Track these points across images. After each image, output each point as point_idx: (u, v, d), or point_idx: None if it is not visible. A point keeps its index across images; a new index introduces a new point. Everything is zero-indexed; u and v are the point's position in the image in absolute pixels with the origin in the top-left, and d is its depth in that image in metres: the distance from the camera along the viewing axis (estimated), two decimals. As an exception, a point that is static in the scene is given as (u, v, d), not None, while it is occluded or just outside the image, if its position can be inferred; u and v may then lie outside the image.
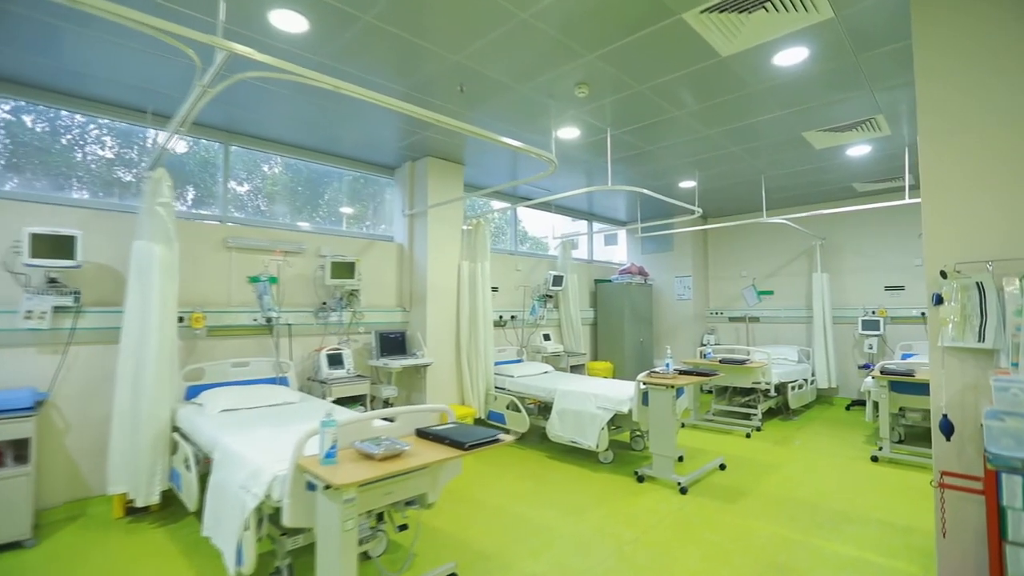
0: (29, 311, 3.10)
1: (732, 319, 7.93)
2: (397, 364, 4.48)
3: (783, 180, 5.87)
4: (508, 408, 4.91)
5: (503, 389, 5.14)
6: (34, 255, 3.00)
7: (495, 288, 5.98)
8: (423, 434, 2.29)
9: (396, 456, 1.97)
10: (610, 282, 7.34)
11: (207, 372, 3.69)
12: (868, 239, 6.73)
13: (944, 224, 2.11)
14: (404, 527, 2.72)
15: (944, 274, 2.05)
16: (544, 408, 4.82)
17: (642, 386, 3.94)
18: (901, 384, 4.34)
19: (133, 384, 3.07)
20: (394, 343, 4.80)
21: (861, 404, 6.50)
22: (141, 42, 2.87)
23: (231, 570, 2.14)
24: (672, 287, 8.06)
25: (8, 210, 3.19)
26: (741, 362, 5.44)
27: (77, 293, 3.28)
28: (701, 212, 5.57)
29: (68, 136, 3.68)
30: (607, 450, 4.19)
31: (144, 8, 2.26)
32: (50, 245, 3.05)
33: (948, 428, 1.98)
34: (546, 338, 6.23)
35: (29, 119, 3.53)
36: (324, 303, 4.52)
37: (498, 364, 5.50)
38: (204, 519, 2.47)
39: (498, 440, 2.21)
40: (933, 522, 3.07)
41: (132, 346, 3.09)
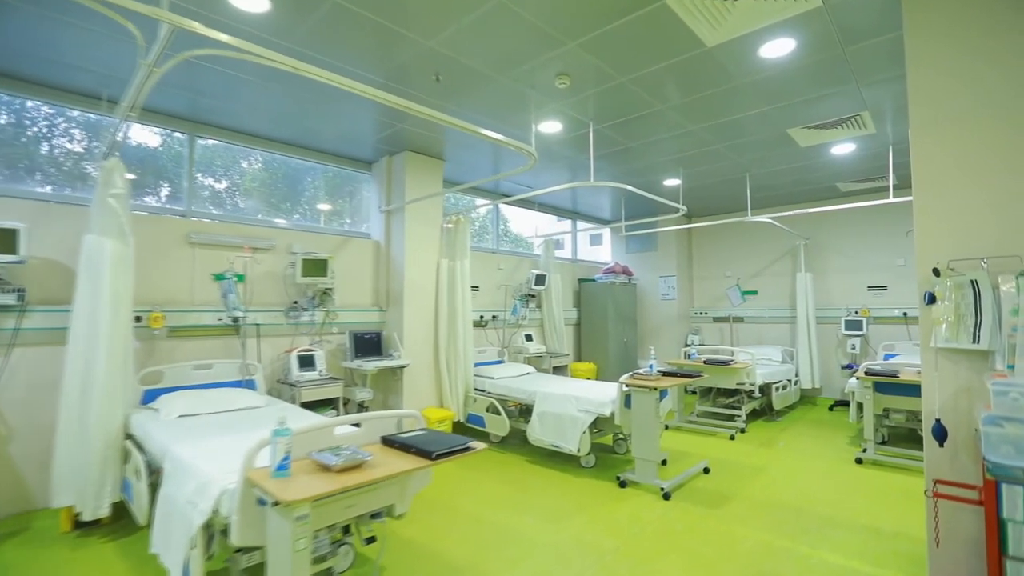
0: (-33, 310, 2.88)
1: (716, 319, 7.88)
2: (372, 366, 4.31)
3: (767, 179, 5.81)
4: (488, 411, 4.76)
5: (483, 391, 4.99)
6: (-30, 250, 2.78)
7: (475, 287, 5.82)
8: (389, 442, 2.13)
9: (356, 467, 1.82)
10: (594, 281, 7.23)
11: (166, 375, 3.49)
12: (851, 239, 6.72)
13: (936, 219, 2.01)
14: (372, 539, 2.55)
15: (937, 272, 1.95)
16: (525, 411, 4.68)
17: (624, 388, 3.82)
18: (885, 385, 4.29)
19: (82, 388, 2.86)
20: (369, 344, 4.63)
21: (844, 404, 6.47)
22: (81, 16, 2.65)
23: (177, 592, 1.97)
24: (656, 287, 7.99)
25: (-55, 201, 2.96)
26: (725, 363, 5.36)
27: (22, 291, 3.06)
28: (685, 210, 5.47)
29: (13, 122, 3.45)
30: (589, 454, 4.07)
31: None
32: (-11, 239, 2.83)
33: (941, 433, 1.89)
34: (528, 338, 6.09)
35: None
36: (295, 302, 4.33)
37: (478, 365, 5.35)
38: (152, 535, 2.29)
39: (468, 448, 2.06)
40: (920, 527, 3.01)
41: (81, 347, 2.88)
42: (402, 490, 2.25)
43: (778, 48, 2.99)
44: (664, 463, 4.21)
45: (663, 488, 3.52)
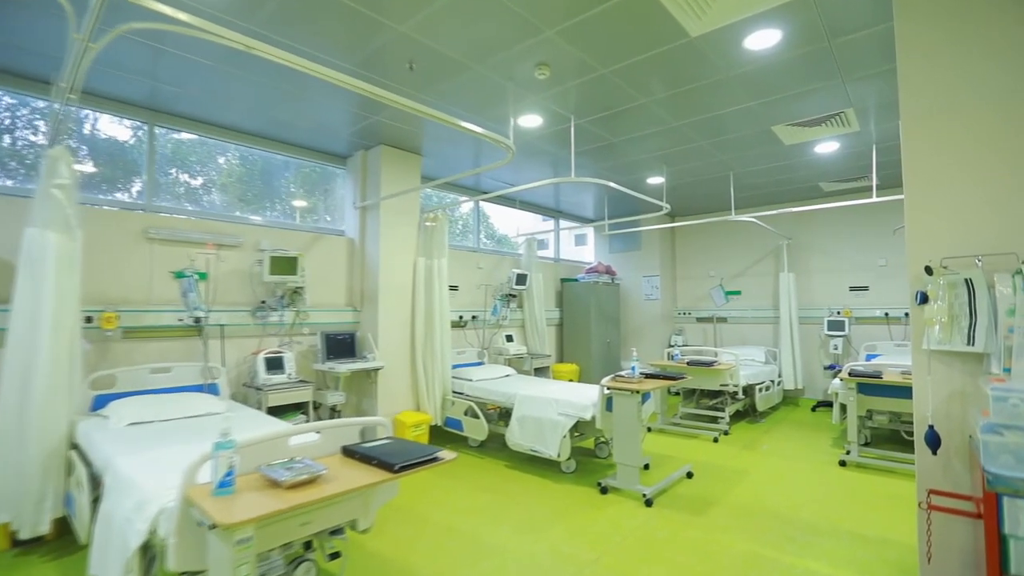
0: None
1: (700, 319, 7.82)
2: (345, 368, 4.13)
3: (751, 178, 5.75)
4: (466, 414, 4.61)
5: (461, 394, 4.84)
6: None
7: (455, 287, 5.67)
8: (350, 452, 1.97)
9: (309, 482, 1.65)
10: (576, 281, 7.11)
11: (120, 379, 3.27)
12: (834, 239, 6.71)
13: (928, 215, 1.92)
14: (336, 555, 2.38)
15: (929, 270, 1.86)
16: (505, 414, 4.54)
17: (606, 391, 3.70)
18: (868, 386, 4.23)
19: (21, 394, 2.64)
20: (342, 345, 4.44)
21: (826, 405, 6.45)
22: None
23: (112, 620, 1.78)
24: (640, 287, 7.91)
25: None
26: (709, 364, 5.28)
27: (-44, 289, 2.82)
28: (669, 208, 5.39)
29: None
30: (569, 459, 3.94)
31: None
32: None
33: (935, 441, 1.79)
34: (509, 339, 5.95)
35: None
36: (263, 302, 4.12)
37: (457, 367, 5.20)
38: (91, 555, 2.09)
39: (436, 459, 1.91)
40: (907, 534, 2.93)
41: (21, 350, 2.66)
42: (365, 504, 2.09)
43: (763, 40, 2.89)
44: (647, 467, 4.10)
45: (645, 494, 3.40)
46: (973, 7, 1.85)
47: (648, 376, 3.93)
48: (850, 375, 4.28)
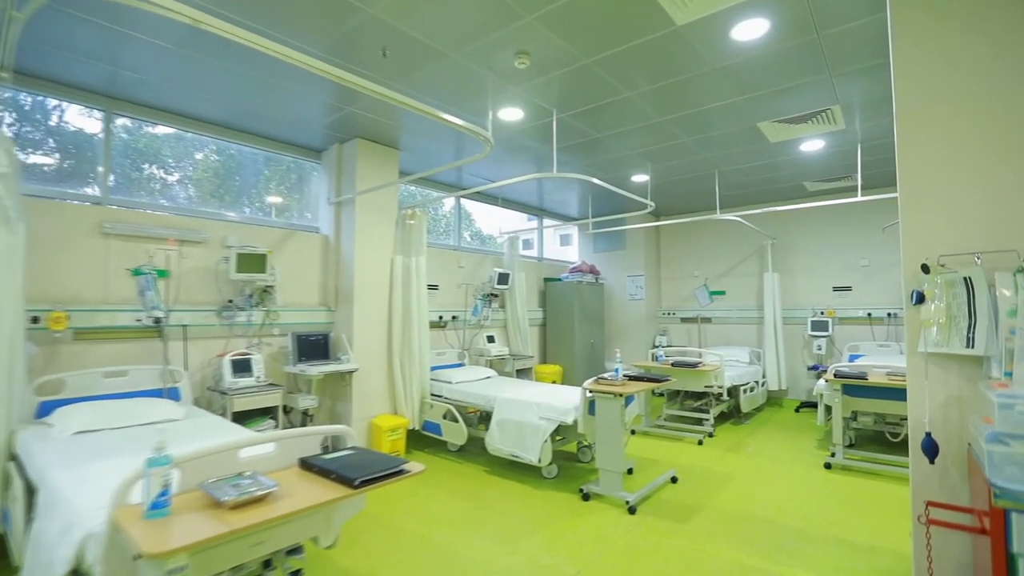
0: None
1: (684, 320, 7.76)
2: (317, 370, 3.94)
3: (736, 176, 5.69)
4: (445, 418, 4.45)
5: (440, 396, 4.68)
6: None
7: (434, 286, 5.50)
8: (307, 465, 1.81)
9: (257, 501, 1.49)
10: (560, 281, 6.99)
11: (69, 384, 3.05)
12: (818, 239, 6.69)
13: (924, 210, 1.82)
14: (297, 572, 2.22)
15: (926, 268, 1.76)
16: (485, 417, 4.39)
17: (588, 394, 3.58)
18: (853, 387, 4.17)
19: (-46, 401, 2.43)
20: (315, 346, 4.25)
21: (810, 406, 6.43)
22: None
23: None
24: (624, 286, 7.82)
25: None
26: (693, 365, 5.20)
27: None
28: (653, 206, 5.29)
29: None
30: (551, 464, 3.80)
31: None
32: None
33: (932, 449, 1.69)
34: (490, 340, 5.81)
35: None
36: (230, 301, 3.92)
37: (436, 369, 5.04)
38: (21, 580, 1.90)
39: (402, 472, 1.76)
40: (896, 540, 2.86)
41: (-46, 353, 2.44)
42: (327, 519, 1.93)
43: (751, 30, 2.78)
44: (630, 472, 3.99)
45: (628, 501, 3.29)
46: (971, -9, 1.76)
47: (632, 378, 3.81)
48: (835, 376, 4.22)
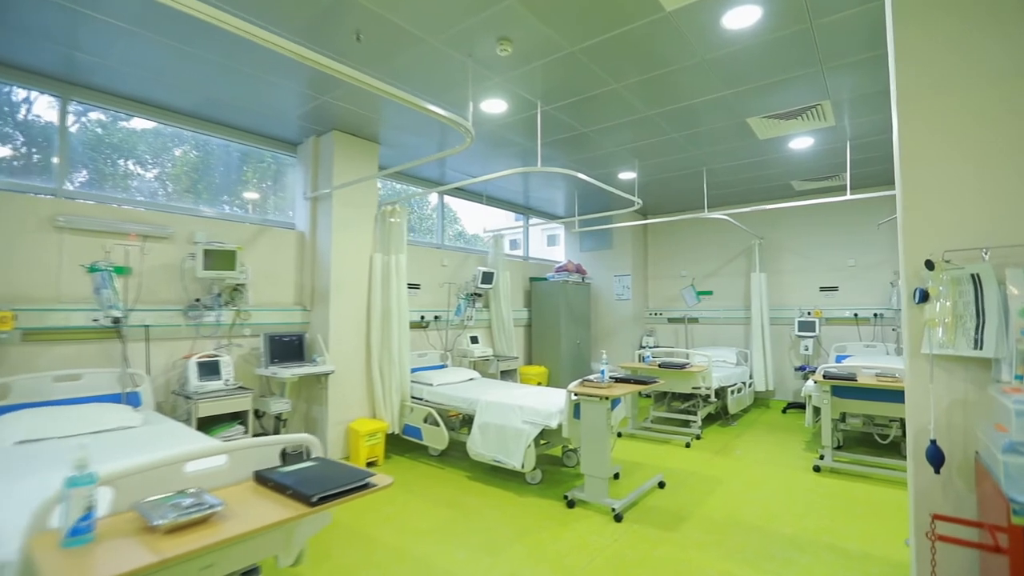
0: None
1: (671, 320, 7.68)
2: (289, 373, 3.76)
3: (724, 175, 5.60)
4: (426, 421, 4.29)
5: (420, 399, 4.51)
6: None
7: (416, 285, 5.34)
8: (263, 479, 1.64)
9: (198, 523, 1.32)
10: (546, 280, 6.86)
11: (15, 389, 2.83)
12: (805, 239, 6.65)
13: (927, 202, 1.71)
14: (259, 592, 2.05)
15: (930, 264, 1.65)
16: (467, 421, 4.24)
17: (573, 397, 3.45)
18: (842, 388, 4.10)
19: None
20: (288, 348, 4.07)
21: (797, 407, 6.37)
22: None
23: None
24: (611, 286, 7.71)
25: None
26: (681, 366, 5.10)
27: None
28: (641, 204, 5.18)
29: None
30: (535, 469, 3.67)
31: None
32: None
33: (938, 458, 1.58)
34: (474, 341, 5.65)
35: None
36: (197, 300, 3.72)
37: (417, 371, 4.88)
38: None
39: (367, 486, 1.60)
40: (888, 547, 2.76)
41: None
42: (287, 538, 1.76)
43: (743, 17, 2.67)
44: (617, 477, 3.87)
45: (614, 509, 3.16)
46: (978, -30, 1.65)
47: (618, 380, 3.69)
48: (824, 377, 4.14)
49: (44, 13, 2.61)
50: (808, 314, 6.44)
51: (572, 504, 3.35)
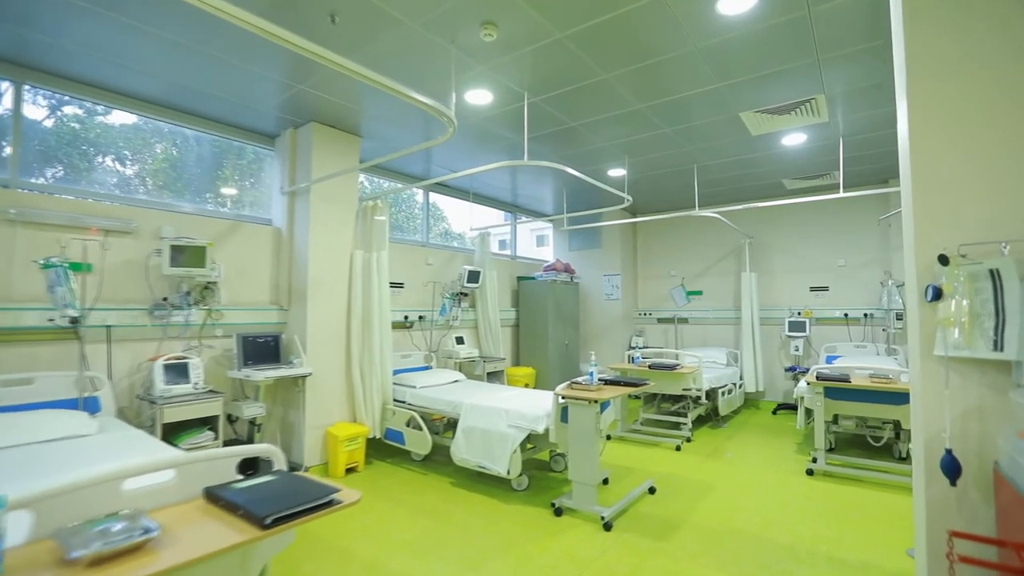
0: None
1: (661, 320, 7.58)
2: (263, 376, 3.57)
3: (715, 172, 5.50)
4: (408, 425, 4.12)
5: (403, 402, 4.35)
6: None
7: (399, 284, 5.16)
8: (213, 497, 1.47)
9: (128, 552, 1.15)
10: (534, 279, 6.72)
11: (-42, 394, 2.63)
12: (795, 238, 6.58)
13: (940, 192, 1.59)
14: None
15: (944, 259, 1.52)
16: (452, 424, 4.08)
17: (561, 400, 3.30)
18: (835, 390, 4.00)
19: None
20: (264, 349, 3.88)
21: (787, 407, 6.30)
22: None
23: None
24: (600, 286, 7.59)
25: None
26: (671, 367, 4.98)
27: None
28: (631, 201, 5.06)
29: None
30: (521, 475, 3.52)
31: None
32: None
33: (954, 469, 1.45)
34: (459, 341, 5.49)
35: None
36: (165, 299, 3.52)
37: (400, 372, 4.70)
38: None
39: (331, 503, 1.44)
40: (886, 556, 2.65)
41: None
42: (242, 562, 1.59)
43: (739, 2, 2.55)
44: (606, 482, 3.74)
45: (604, 517, 3.02)
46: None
47: (608, 382, 3.55)
48: (817, 378, 4.04)
49: (-11, -13, 2.41)
50: (798, 314, 6.37)
51: (560, 512, 3.21)
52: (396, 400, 4.40)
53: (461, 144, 4.65)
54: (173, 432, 3.20)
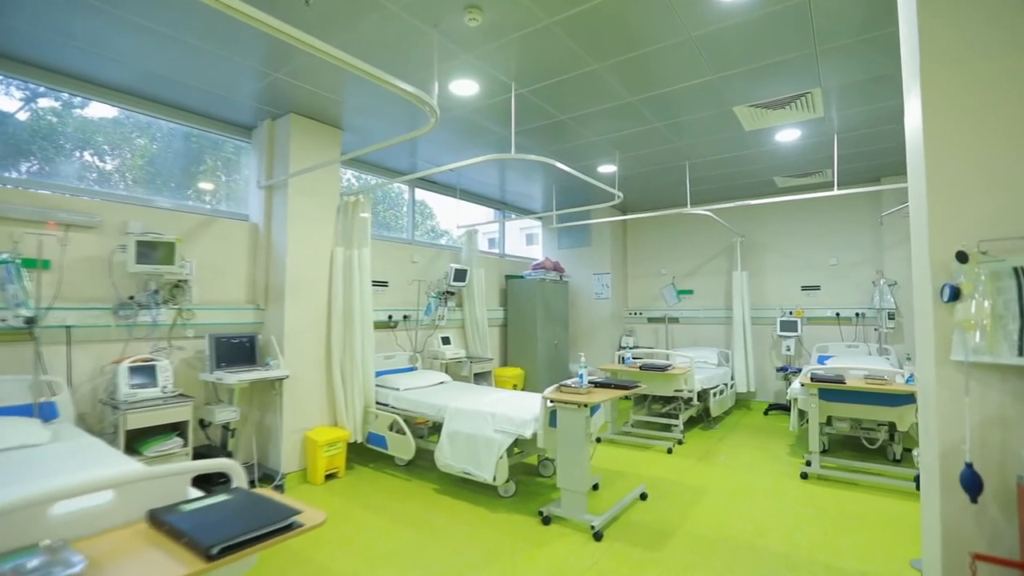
0: None
1: (651, 319, 7.48)
2: (236, 378, 3.39)
3: (706, 169, 5.40)
4: (391, 429, 3.96)
5: (385, 405, 4.19)
6: None
7: (384, 282, 5.00)
8: (157, 522, 1.31)
9: (44, 593, 0.99)
10: (522, 278, 6.58)
11: None
12: (786, 237, 6.51)
13: (957, 184, 1.47)
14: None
15: (963, 256, 1.41)
16: (436, 428, 3.93)
17: (549, 404, 3.17)
18: (829, 391, 3.91)
19: None
20: (238, 350, 3.69)
21: (778, 408, 6.22)
22: None
23: None
24: (590, 285, 7.47)
25: None
26: (663, 368, 4.87)
27: None
28: (621, 196, 4.93)
29: None
30: (508, 481, 3.38)
31: None
32: None
33: (975, 484, 1.34)
34: (446, 341, 5.33)
35: None
36: (131, 298, 3.32)
37: (382, 374, 4.54)
38: None
39: (291, 527, 1.29)
40: (885, 565, 2.55)
41: None
42: (194, 589, 1.43)
43: (736, -14, 2.42)
44: (596, 487, 3.61)
45: (594, 526, 2.89)
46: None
47: (598, 385, 3.42)
48: (812, 380, 3.94)
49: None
50: (790, 313, 6.30)
51: (548, 520, 3.08)
52: (379, 403, 4.23)
53: (447, 138, 4.49)
54: (139, 439, 3.02)
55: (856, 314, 5.97)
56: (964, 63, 1.48)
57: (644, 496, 3.47)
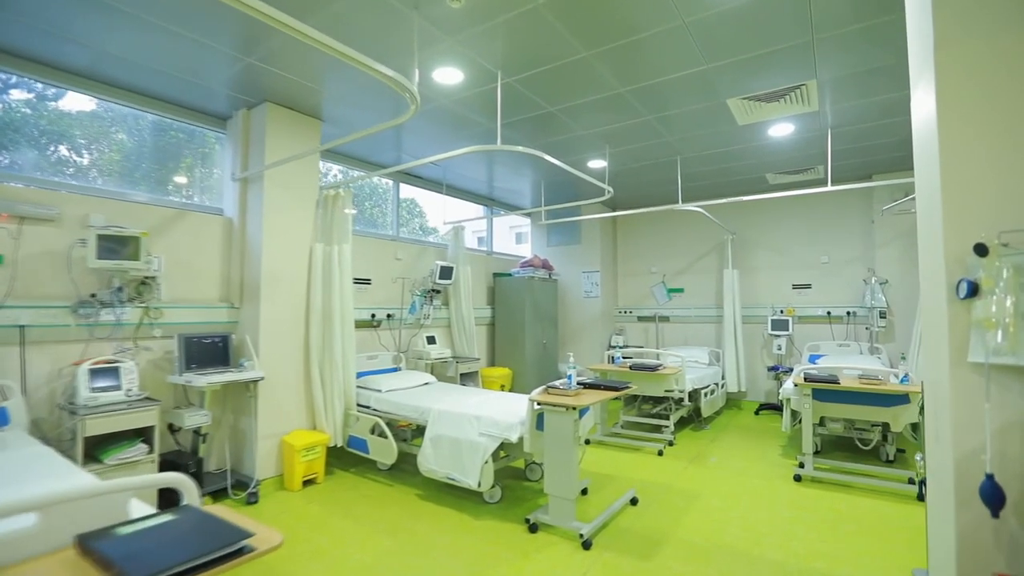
0: None
1: (641, 318, 7.38)
2: (206, 381, 3.21)
3: (697, 165, 5.30)
4: (373, 432, 3.81)
5: (367, 407, 4.03)
6: None
7: (366, 280, 4.83)
8: (88, 549, 1.15)
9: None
10: (510, 276, 6.44)
11: None
12: (778, 234, 6.44)
13: (974, 171, 1.36)
14: None
15: (982, 249, 1.29)
16: (420, 431, 3.78)
17: (536, 407, 3.03)
18: (822, 392, 3.82)
19: None
20: (210, 351, 3.51)
21: (769, 407, 6.16)
22: None
23: None
24: (579, 283, 7.35)
25: None
26: (653, 368, 4.76)
27: None
28: (611, 192, 4.82)
29: None
30: (493, 487, 3.24)
31: None
32: None
33: (996, 497, 1.23)
34: (431, 341, 5.18)
35: None
36: (93, 295, 3.13)
37: (365, 374, 4.38)
38: None
39: (241, 552, 1.14)
40: (886, 573, 2.46)
41: None
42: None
43: (732, -32, 2.30)
44: (585, 492, 3.49)
45: (582, 534, 2.76)
46: None
47: (587, 386, 3.30)
48: (805, 379, 3.85)
49: None
50: (781, 312, 6.23)
51: (535, 528, 2.94)
52: (360, 405, 4.07)
53: (431, 131, 4.34)
54: (100, 446, 2.84)
55: (847, 313, 5.92)
56: (982, 38, 1.37)
57: (635, 501, 3.36)
